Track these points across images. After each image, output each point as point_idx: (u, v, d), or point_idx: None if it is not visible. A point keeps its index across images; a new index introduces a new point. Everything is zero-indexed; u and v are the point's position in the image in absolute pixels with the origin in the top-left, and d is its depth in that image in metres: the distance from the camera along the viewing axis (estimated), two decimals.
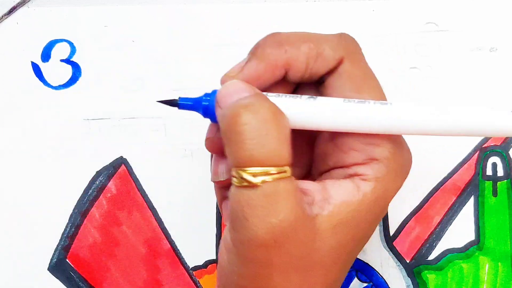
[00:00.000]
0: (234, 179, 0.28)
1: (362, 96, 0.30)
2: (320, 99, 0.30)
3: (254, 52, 0.31)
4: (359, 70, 0.30)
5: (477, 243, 0.40)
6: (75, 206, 0.41)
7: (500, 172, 0.41)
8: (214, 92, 0.30)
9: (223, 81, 0.31)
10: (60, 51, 0.42)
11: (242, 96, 0.29)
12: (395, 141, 0.30)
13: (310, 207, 0.29)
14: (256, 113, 0.28)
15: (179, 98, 0.31)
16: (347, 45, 0.31)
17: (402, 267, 0.40)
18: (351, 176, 0.30)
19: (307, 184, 0.30)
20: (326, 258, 0.30)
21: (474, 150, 0.41)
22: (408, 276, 0.40)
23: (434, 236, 0.40)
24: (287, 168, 0.28)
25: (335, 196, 0.29)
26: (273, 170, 0.27)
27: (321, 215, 0.29)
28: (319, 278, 0.30)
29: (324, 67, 0.30)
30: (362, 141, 0.30)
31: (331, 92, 0.31)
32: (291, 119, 0.29)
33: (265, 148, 0.27)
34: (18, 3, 0.42)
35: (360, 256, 0.40)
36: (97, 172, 0.41)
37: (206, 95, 0.30)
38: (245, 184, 0.27)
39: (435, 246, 0.40)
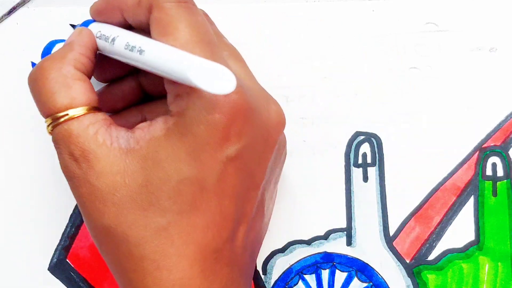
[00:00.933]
0: None
1: (166, 39, 0.31)
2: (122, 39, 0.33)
3: None
4: (166, 16, 0.31)
5: (477, 243, 0.40)
6: (75, 206, 0.41)
7: (500, 172, 0.41)
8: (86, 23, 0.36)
9: (90, 9, 0.36)
10: None
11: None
12: None
13: (127, 141, 0.31)
14: (32, 75, 0.33)
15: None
16: None
17: (402, 267, 0.40)
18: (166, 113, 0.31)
19: (141, 124, 0.32)
20: (138, 196, 0.30)
21: (474, 150, 0.41)
22: (408, 276, 0.40)
23: (434, 236, 0.40)
24: (68, 111, 0.32)
25: (150, 131, 0.31)
26: (57, 115, 0.32)
27: (132, 150, 0.31)
28: (135, 218, 0.30)
29: (143, 14, 0.32)
30: (169, 81, 0.31)
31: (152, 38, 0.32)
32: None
33: (41, 103, 0.32)
34: (18, 3, 0.42)
35: (360, 256, 0.40)
36: None
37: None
38: (49, 134, 0.33)
39: (435, 246, 0.40)
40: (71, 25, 0.41)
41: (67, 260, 0.41)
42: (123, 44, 0.32)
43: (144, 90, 0.38)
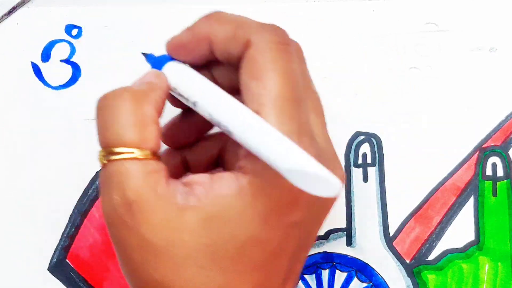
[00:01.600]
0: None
1: (254, 83, 0.29)
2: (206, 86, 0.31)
3: (190, 24, 0.32)
4: (263, 57, 0.29)
5: (477, 243, 0.40)
6: (75, 206, 0.41)
7: (500, 172, 0.41)
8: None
9: (166, 45, 0.33)
10: (60, 51, 0.42)
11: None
12: None
13: (186, 197, 0.29)
14: (107, 100, 0.30)
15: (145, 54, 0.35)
16: (265, 33, 0.30)
17: (402, 267, 0.40)
18: (234, 169, 0.30)
19: (196, 176, 0.30)
20: (198, 254, 0.29)
21: (474, 150, 0.41)
22: (408, 276, 0.40)
23: (434, 236, 0.40)
24: (135, 150, 0.29)
25: (214, 188, 0.29)
26: (120, 150, 0.29)
27: (193, 207, 0.29)
28: (193, 275, 0.29)
29: (236, 49, 0.30)
30: None
31: (239, 75, 0.30)
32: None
33: (109, 131, 0.29)
34: (18, 3, 0.42)
35: (360, 256, 0.40)
36: (97, 172, 0.41)
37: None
38: (100, 164, 0.30)
39: (435, 246, 0.40)
40: (143, 53, 0.36)
41: (67, 260, 0.41)
42: (205, 113, 0.30)
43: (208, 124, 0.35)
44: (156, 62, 0.33)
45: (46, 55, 0.42)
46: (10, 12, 0.42)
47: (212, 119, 0.30)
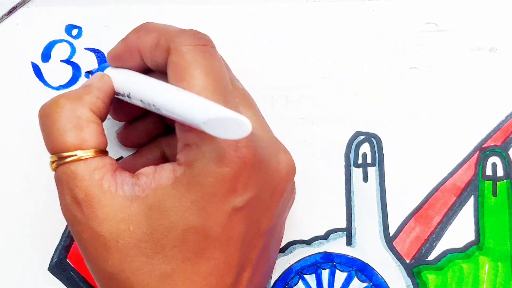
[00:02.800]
0: None
1: (181, 85, 0.31)
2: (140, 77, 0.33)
3: (125, 36, 0.35)
4: (183, 60, 0.31)
5: (477, 243, 0.40)
6: None
7: (500, 172, 0.41)
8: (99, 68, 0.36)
9: (107, 55, 0.36)
10: (60, 52, 0.42)
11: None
12: None
13: (132, 187, 0.31)
14: (45, 109, 0.33)
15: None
16: (183, 38, 0.32)
17: (402, 267, 0.40)
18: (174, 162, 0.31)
19: (144, 168, 0.32)
20: (144, 244, 0.31)
21: (474, 150, 0.41)
22: (408, 276, 0.40)
23: (434, 236, 0.40)
24: (77, 152, 0.31)
25: (156, 179, 0.31)
26: (64, 154, 0.31)
27: (137, 198, 0.31)
28: (140, 264, 0.31)
29: (161, 57, 0.32)
30: (180, 129, 0.31)
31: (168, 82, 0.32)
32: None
33: (50, 139, 0.32)
34: (18, 3, 0.42)
35: (360, 256, 0.40)
36: None
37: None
38: (52, 170, 0.32)
39: (435, 246, 0.40)
40: (86, 72, 0.41)
41: (67, 260, 0.41)
42: (137, 100, 0.32)
43: (167, 124, 0.38)
44: (99, 69, 0.36)
45: (46, 55, 0.42)
46: (10, 12, 0.42)
47: (144, 105, 0.32)
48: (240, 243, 0.32)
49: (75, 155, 0.31)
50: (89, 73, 0.41)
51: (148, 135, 0.38)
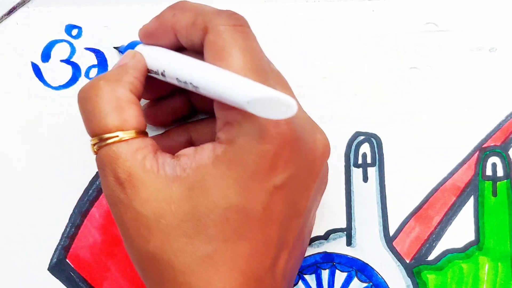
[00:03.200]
0: None
1: (219, 64, 0.31)
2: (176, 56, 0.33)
3: (159, 13, 0.35)
4: (221, 40, 0.31)
5: (476, 243, 0.40)
6: (75, 206, 0.41)
7: (500, 172, 0.41)
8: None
9: (138, 32, 0.36)
10: (60, 51, 0.42)
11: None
12: None
13: (174, 168, 0.31)
14: (85, 93, 0.32)
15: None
16: (220, 18, 0.32)
17: (402, 267, 0.40)
18: (214, 141, 0.31)
19: (185, 149, 0.32)
20: (186, 224, 0.30)
21: (474, 150, 0.41)
22: (408, 276, 0.40)
23: (434, 236, 0.40)
24: (119, 133, 0.31)
25: (196, 159, 0.31)
26: (105, 136, 0.31)
27: (178, 178, 0.31)
28: (182, 245, 0.31)
29: (197, 36, 0.32)
30: (219, 107, 0.31)
31: (204, 61, 0.32)
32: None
33: (92, 122, 0.32)
34: (18, 3, 0.42)
35: (360, 256, 0.40)
36: (97, 172, 0.41)
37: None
38: (93, 153, 0.32)
39: (435, 246, 0.40)
40: (115, 47, 0.41)
41: (67, 260, 0.41)
42: (173, 78, 0.32)
43: (194, 107, 0.38)
44: (129, 47, 0.35)
45: (46, 55, 0.42)
46: (10, 12, 0.42)
47: (180, 83, 0.32)
48: (279, 223, 0.32)
49: (117, 136, 0.31)
50: (117, 49, 0.41)
51: (173, 115, 0.38)
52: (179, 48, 0.34)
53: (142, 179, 0.31)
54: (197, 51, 0.33)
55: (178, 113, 0.38)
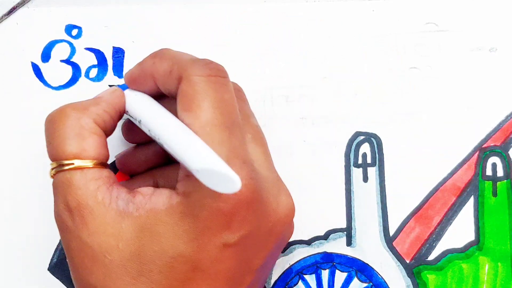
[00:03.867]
0: None
1: (188, 115, 0.31)
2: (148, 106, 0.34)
3: (142, 60, 0.35)
4: (192, 90, 0.31)
5: (477, 243, 0.40)
6: None
7: (500, 172, 0.41)
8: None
9: (124, 77, 0.36)
10: (60, 52, 0.42)
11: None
12: None
13: (127, 203, 0.31)
14: (51, 117, 0.33)
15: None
16: (196, 67, 0.32)
17: (402, 267, 0.40)
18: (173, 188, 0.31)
19: (143, 188, 0.32)
20: (130, 264, 0.30)
21: (474, 150, 0.41)
22: (408, 276, 0.40)
23: (434, 236, 0.40)
24: (75, 161, 0.31)
25: (152, 202, 0.31)
26: (63, 162, 0.32)
27: (130, 215, 0.31)
28: (124, 284, 0.31)
29: (172, 84, 0.32)
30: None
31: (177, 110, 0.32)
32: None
33: (52, 145, 0.32)
34: (18, 3, 0.42)
35: (360, 256, 0.40)
36: None
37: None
38: (50, 176, 0.33)
39: (435, 246, 0.40)
40: (109, 85, 0.41)
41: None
42: (146, 129, 0.32)
43: (168, 156, 0.38)
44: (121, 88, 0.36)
45: (46, 55, 0.42)
46: (10, 12, 0.42)
47: (151, 134, 0.32)
48: (228, 278, 0.32)
49: (73, 163, 0.32)
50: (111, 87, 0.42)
51: (147, 164, 0.38)
52: (162, 94, 0.34)
53: (91, 210, 0.31)
54: (175, 99, 0.33)
55: (152, 162, 0.38)
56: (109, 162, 0.34)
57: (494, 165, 0.41)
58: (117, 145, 0.40)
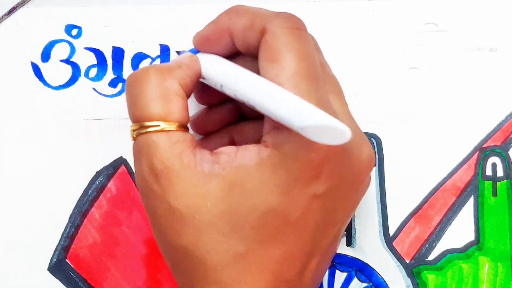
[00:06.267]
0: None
1: (272, 66, 0.30)
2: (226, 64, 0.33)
3: (215, 18, 0.34)
4: (277, 42, 0.31)
5: (476, 243, 0.40)
6: (75, 206, 0.41)
7: (500, 172, 0.41)
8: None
9: (193, 39, 0.35)
10: (60, 51, 0.42)
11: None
12: None
13: (212, 165, 0.31)
14: (135, 77, 0.32)
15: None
16: (279, 20, 0.31)
17: (402, 267, 0.40)
18: (259, 142, 0.31)
19: (225, 147, 0.32)
20: (221, 222, 0.30)
21: (474, 150, 0.41)
22: (407, 276, 0.40)
23: (433, 236, 0.40)
24: (161, 123, 0.31)
25: (238, 159, 0.31)
26: (147, 124, 0.31)
27: (217, 175, 0.30)
28: (215, 242, 0.30)
29: (254, 38, 0.32)
30: None
31: (258, 62, 0.32)
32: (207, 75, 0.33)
33: (136, 107, 0.31)
34: (18, 3, 0.42)
35: (360, 256, 0.40)
36: (97, 172, 0.41)
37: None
38: (132, 138, 0.32)
39: (435, 246, 0.40)
40: (177, 51, 0.41)
41: (67, 260, 0.41)
42: (231, 93, 0.32)
43: (242, 113, 0.37)
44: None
45: (46, 55, 0.42)
46: (10, 12, 0.42)
47: (237, 97, 0.31)
48: (315, 230, 0.32)
49: (159, 125, 0.31)
50: (178, 53, 0.41)
51: (222, 123, 0.37)
52: (234, 54, 0.34)
53: (178, 173, 0.30)
54: (253, 55, 0.32)
55: (225, 122, 0.38)
56: None
57: (494, 165, 0.41)
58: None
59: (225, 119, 0.37)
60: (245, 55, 0.34)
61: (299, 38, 0.31)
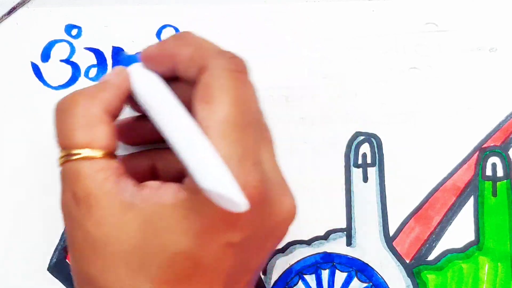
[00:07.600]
0: None
1: (204, 106, 0.30)
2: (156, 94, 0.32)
3: (163, 40, 0.34)
4: (215, 83, 0.30)
5: (476, 243, 0.40)
6: None
7: (500, 172, 0.41)
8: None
9: (141, 53, 0.34)
10: (60, 51, 0.42)
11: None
12: None
13: (133, 196, 0.31)
14: (61, 104, 0.32)
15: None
16: (221, 60, 0.31)
17: (402, 267, 0.40)
18: (182, 175, 0.31)
19: (150, 181, 0.31)
20: (131, 256, 0.30)
21: (474, 150, 0.41)
22: (408, 276, 0.40)
23: (434, 236, 0.40)
24: (84, 150, 0.31)
25: (158, 195, 0.30)
26: (72, 151, 0.31)
27: (135, 207, 0.30)
28: (122, 276, 0.30)
29: (193, 71, 0.32)
30: None
31: (192, 98, 0.31)
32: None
33: (62, 135, 0.32)
34: (18, 3, 0.42)
35: (360, 256, 0.40)
36: None
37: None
38: (59, 165, 0.32)
39: (435, 246, 0.40)
40: (116, 48, 0.41)
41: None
42: (157, 125, 0.32)
43: None
44: (126, 60, 0.34)
45: (46, 55, 0.42)
46: (10, 12, 0.42)
47: (157, 127, 0.31)
48: (227, 276, 0.31)
49: (80, 153, 0.31)
50: (120, 53, 0.41)
51: (145, 137, 0.37)
52: (175, 77, 0.34)
53: (98, 200, 0.31)
54: (191, 85, 0.32)
55: (150, 137, 0.37)
56: None
57: (494, 165, 0.41)
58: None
59: (149, 134, 0.36)
60: (184, 82, 0.33)
61: (237, 82, 0.31)
